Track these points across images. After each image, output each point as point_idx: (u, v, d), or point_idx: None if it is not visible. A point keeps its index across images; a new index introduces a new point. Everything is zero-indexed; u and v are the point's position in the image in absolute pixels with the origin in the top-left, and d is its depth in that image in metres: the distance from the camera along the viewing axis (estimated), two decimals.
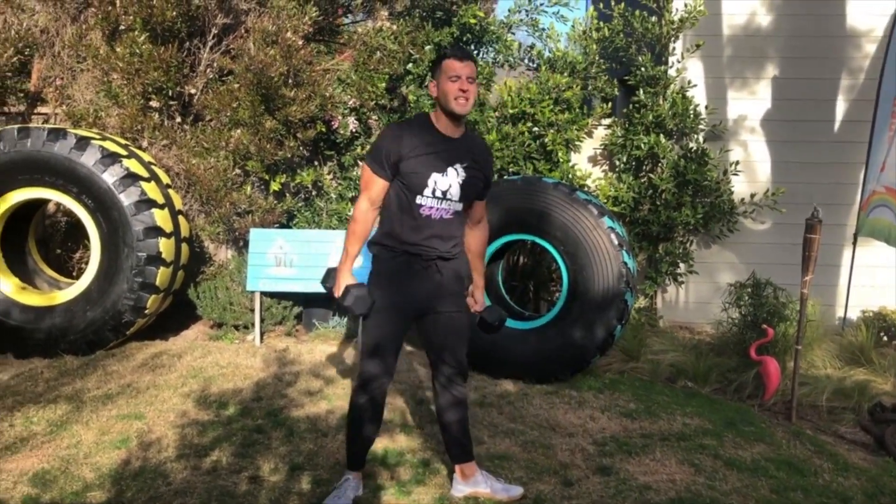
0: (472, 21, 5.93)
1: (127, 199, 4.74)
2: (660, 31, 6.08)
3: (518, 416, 4.07)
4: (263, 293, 5.44)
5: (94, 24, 5.25)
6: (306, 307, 5.77)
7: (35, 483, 3.06)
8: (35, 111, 5.88)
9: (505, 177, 5.83)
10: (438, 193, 2.79)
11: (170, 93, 5.44)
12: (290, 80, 5.43)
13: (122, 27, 5.25)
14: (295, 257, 5.38)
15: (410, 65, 6.07)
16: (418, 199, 2.78)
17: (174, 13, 5.13)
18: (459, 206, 2.86)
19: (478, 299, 3.15)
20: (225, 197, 5.48)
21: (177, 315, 5.77)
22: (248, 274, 5.36)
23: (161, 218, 4.84)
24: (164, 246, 4.85)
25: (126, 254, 4.75)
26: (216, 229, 5.63)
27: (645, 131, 6.02)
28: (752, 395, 4.74)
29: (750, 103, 6.34)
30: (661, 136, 5.94)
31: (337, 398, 4.23)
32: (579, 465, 3.45)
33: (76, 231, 5.89)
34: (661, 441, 3.77)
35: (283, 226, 6.11)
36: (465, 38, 6.17)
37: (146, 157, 5.13)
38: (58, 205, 5.75)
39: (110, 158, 4.73)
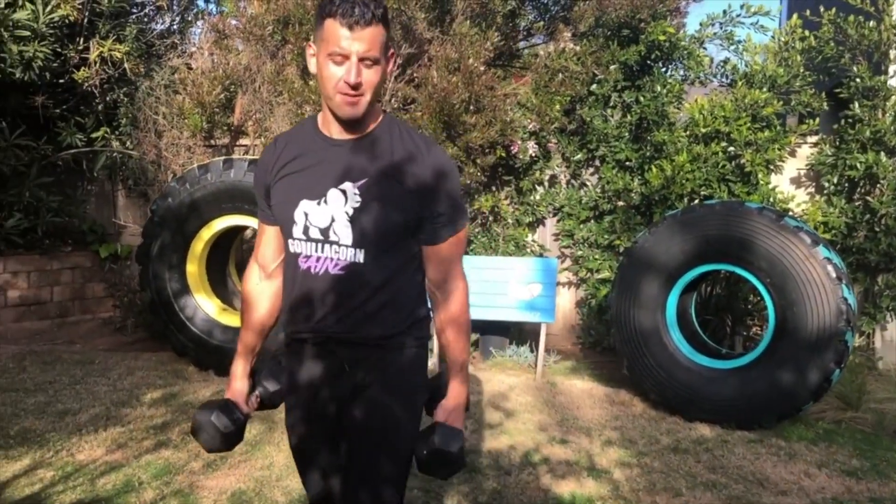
0: (662, 38, 5.61)
1: None
2: (878, 38, 5.42)
3: (718, 465, 3.67)
4: None
5: (290, 60, 5.53)
6: (483, 334, 5.68)
7: (232, 503, 3.15)
8: (237, 143, 6.30)
9: (695, 200, 5.42)
10: (315, 233, 1.73)
11: None
12: (471, 107, 5.41)
13: None
14: (472, 284, 5.28)
15: (594, 85, 5.85)
16: (291, 246, 1.78)
17: None
18: (359, 256, 1.72)
19: (444, 414, 1.85)
20: None
21: None
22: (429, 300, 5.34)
23: None
24: None
25: None
26: None
27: (861, 149, 5.37)
28: None
29: None
30: (882, 153, 5.26)
31: (518, 433, 4.06)
32: None
33: None
34: None
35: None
36: (652, 56, 5.85)
37: None
38: (254, 230, 6.10)
39: None
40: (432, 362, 4.97)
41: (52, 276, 6.72)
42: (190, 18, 7.58)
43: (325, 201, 1.72)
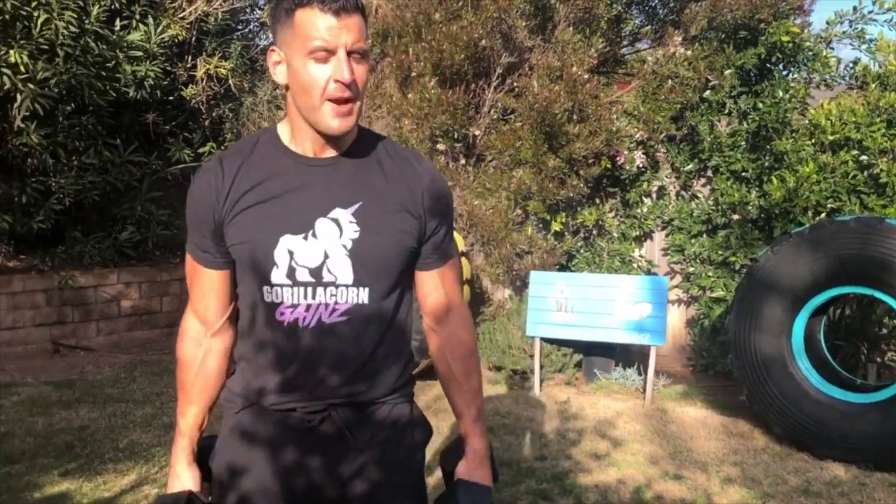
0: (785, 38, 5.20)
1: None
2: None
3: None
4: (543, 339, 5.19)
5: (389, 73, 5.48)
6: (586, 355, 5.42)
7: None
8: None
9: (821, 214, 4.98)
10: (303, 275, 1.38)
11: (455, 135, 5.48)
12: (574, 116, 5.18)
13: (413, 74, 5.41)
14: (576, 302, 5.06)
15: (707, 92, 5.50)
16: (266, 295, 1.40)
17: (462, 56, 5.16)
18: (363, 296, 1.40)
19: (467, 471, 1.53)
20: (506, 238, 5.37)
21: None
22: (528, 318, 5.15)
23: None
24: None
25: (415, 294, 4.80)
26: (496, 270, 5.54)
27: None
28: None
29: None
30: None
31: (627, 466, 3.80)
32: None
33: None
34: None
35: (561, 267, 5.86)
36: (773, 58, 5.45)
37: None
38: None
39: None
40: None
41: (161, 286, 6.94)
42: None
43: (314, 234, 1.38)
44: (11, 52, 5.39)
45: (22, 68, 5.44)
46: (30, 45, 5.49)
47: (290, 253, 1.37)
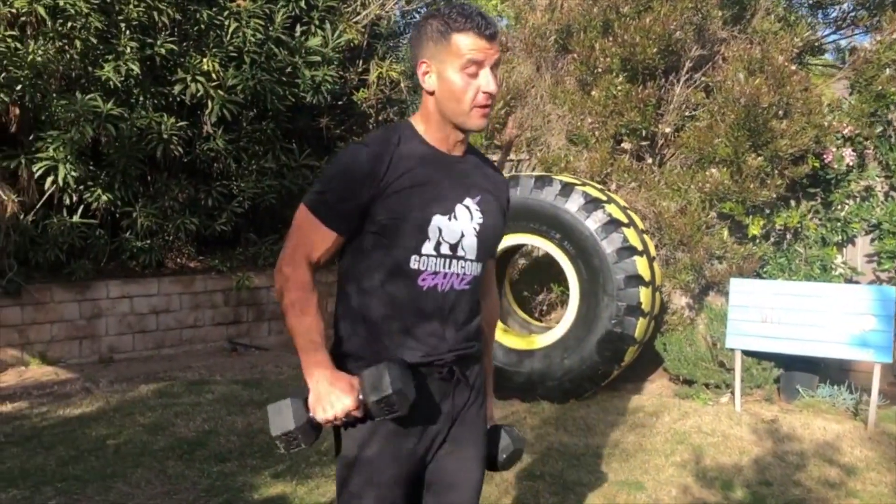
0: None
1: (609, 246, 4.56)
2: None
3: None
4: (744, 352, 4.81)
5: (573, 70, 5.27)
6: (787, 370, 4.98)
7: None
8: (506, 159, 6.17)
9: None
10: (445, 249, 1.66)
11: (643, 133, 5.20)
12: (779, 111, 4.78)
13: (598, 70, 5.17)
14: (783, 313, 4.64)
15: None
16: (413, 262, 1.65)
17: (655, 49, 4.87)
18: (478, 270, 1.74)
19: (495, 418, 1.96)
20: (698, 242, 5.02)
21: (634, 362, 5.47)
22: (728, 329, 4.78)
23: (641, 266, 4.58)
24: (644, 296, 4.56)
25: (605, 303, 4.57)
26: (686, 277, 5.20)
27: None
28: None
29: None
30: None
31: (870, 497, 3.40)
32: None
33: (538, 273, 6.00)
34: None
35: (756, 274, 5.43)
36: None
37: (621, 202, 4.94)
38: (534, 248, 5.91)
39: (593, 204, 4.62)
40: None
41: (331, 287, 7.04)
42: None
43: (455, 217, 1.68)
44: (205, 60, 5.61)
45: (213, 75, 5.64)
46: (220, 52, 5.69)
47: (440, 230, 1.66)
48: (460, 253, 1.68)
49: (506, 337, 5.01)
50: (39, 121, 5.37)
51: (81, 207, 5.71)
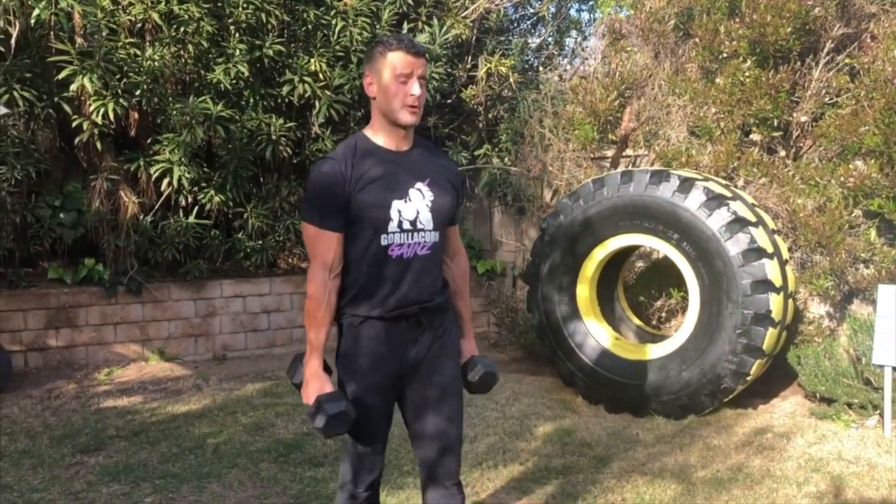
0: None
1: (734, 247, 4.12)
2: None
3: None
4: (894, 369, 4.21)
5: (695, 56, 4.83)
6: None
7: None
8: (622, 154, 5.78)
9: None
10: (406, 225, 2.18)
11: (775, 122, 4.69)
12: None
13: (723, 55, 4.71)
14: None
15: None
16: (383, 240, 2.16)
17: (789, 29, 4.37)
18: (436, 237, 2.24)
19: (472, 349, 2.43)
20: (840, 243, 4.46)
21: (762, 376, 4.95)
22: (875, 342, 4.20)
23: (771, 269, 4.10)
24: (775, 303, 4.08)
25: (730, 310, 4.13)
26: (825, 283, 4.63)
27: None
28: None
29: None
30: None
31: None
32: None
33: (657, 276, 5.57)
34: None
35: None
36: None
37: (749, 199, 4.46)
38: (651, 250, 5.50)
39: (715, 201, 4.19)
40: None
41: None
42: (564, 28, 7.35)
43: (409, 199, 2.16)
44: (312, 60, 5.60)
45: (320, 76, 5.63)
46: (327, 52, 5.68)
47: (399, 211, 2.15)
48: (419, 226, 2.18)
49: (618, 347, 4.65)
50: (156, 124, 5.55)
51: (196, 208, 5.86)
